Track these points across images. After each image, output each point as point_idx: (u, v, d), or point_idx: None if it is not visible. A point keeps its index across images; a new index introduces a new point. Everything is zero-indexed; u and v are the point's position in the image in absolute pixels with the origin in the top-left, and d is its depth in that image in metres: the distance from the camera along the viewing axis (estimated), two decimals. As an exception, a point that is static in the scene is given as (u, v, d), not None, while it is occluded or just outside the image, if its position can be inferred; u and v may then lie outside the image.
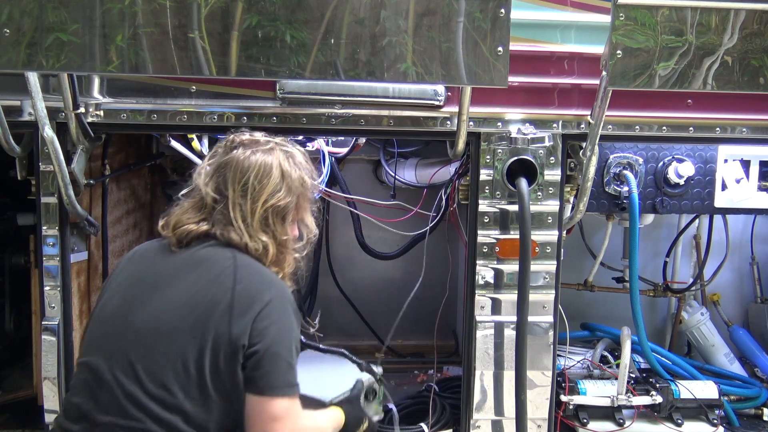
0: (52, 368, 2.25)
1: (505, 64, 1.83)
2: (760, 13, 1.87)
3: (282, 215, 1.81)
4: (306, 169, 1.89)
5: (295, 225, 1.89)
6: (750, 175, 2.65)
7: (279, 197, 1.79)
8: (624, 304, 2.71)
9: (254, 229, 1.77)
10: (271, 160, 1.81)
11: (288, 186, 1.82)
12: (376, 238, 3.32)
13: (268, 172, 1.80)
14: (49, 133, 2.04)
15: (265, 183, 1.78)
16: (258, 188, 1.77)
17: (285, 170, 1.81)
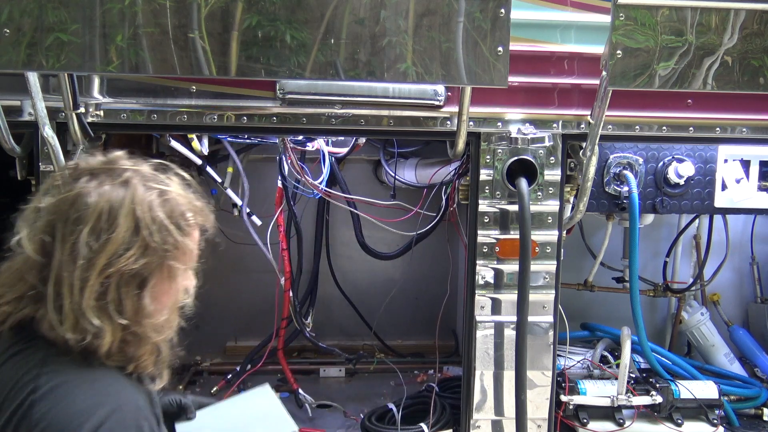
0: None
1: (505, 64, 1.83)
2: (760, 13, 1.87)
3: (135, 284, 1.30)
4: (181, 211, 1.38)
5: (166, 294, 1.38)
6: (750, 175, 2.65)
7: (127, 260, 1.28)
8: (624, 304, 2.71)
9: (83, 310, 1.25)
10: (120, 199, 1.30)
11: (144, 241, 1.30)
12: (376, 238, 3.32)
13: (111, 220, 1.28)
14: (49, 133, 2.03)
15: (106, 239, 1.27)
16: (95, 247, 1.26)
17: (140, 216, 1.30)
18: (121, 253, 1.28)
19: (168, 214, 1.36)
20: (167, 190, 1.39)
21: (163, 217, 1.34)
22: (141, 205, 1.32)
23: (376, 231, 3.24)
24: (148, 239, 1.31)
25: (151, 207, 1.33)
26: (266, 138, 2.87)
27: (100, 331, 1.27)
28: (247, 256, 3.34)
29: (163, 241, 1.33)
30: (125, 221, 1.30)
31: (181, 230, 1.37)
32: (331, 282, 3.51)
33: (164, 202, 1.36)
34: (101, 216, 1.29)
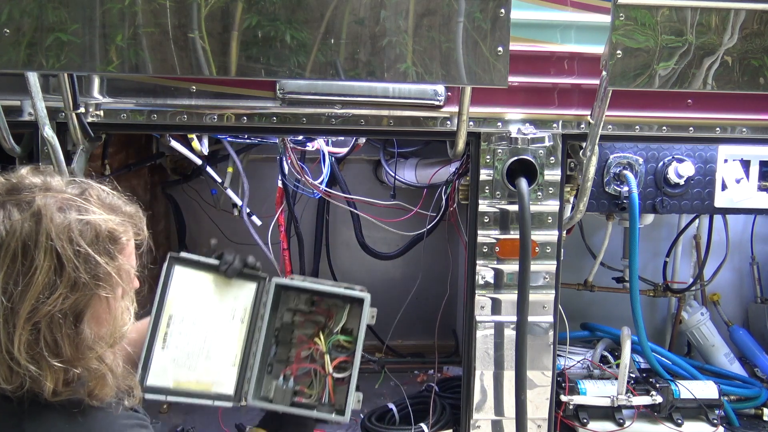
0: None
1: (505, 64, 1.82)
2: (760, 13, 1.87)
3: (70, 322, 1.19)
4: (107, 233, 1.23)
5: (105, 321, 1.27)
6: (750, 175, 2.65)
7: (54, 301, 1.15)
8: (624, 304, 2.71)
9: (16, 360, 1.14)
10: (34, 234, 1.15)
11: (70, 278, 1.17)
12: (376, 238, 3.32)
13: (29, 261, 1.14)
14: (49, 133, 2.03)
15: (26, 283, 1.14)
16: (15, 294, 1.14)
17: (61, 252, 1.15)
18: (46, 296, 1.15)
19: (92, 241, 1.21)
20: (86, 210, 1.23)
21: (87, 246, 1.19)
22: (59, 238, 1.16)
23: (376, 231, 3.24)
24: (74, 275, 1.18)
25: (71, 237, 1.18)
26: (266, 138, 2.87)
27: (38, 378, 1.16)
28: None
29: (91, 273, 1.20)
30: (45, 259, 1.15)
31: (110, 255, 1.24)
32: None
33: (85, 227, 1.21)
34: (15, 257, 1.14)
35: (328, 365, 1.96)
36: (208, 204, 3.47)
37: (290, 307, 2.04)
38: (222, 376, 1.94)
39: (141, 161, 3.10)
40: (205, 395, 1.94)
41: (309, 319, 2.04)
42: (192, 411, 2.86)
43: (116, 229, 1.27)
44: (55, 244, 1.16)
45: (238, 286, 2.00)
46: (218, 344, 1.96)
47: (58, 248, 1.16)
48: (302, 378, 2.00)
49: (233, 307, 1.99)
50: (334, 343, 2.00)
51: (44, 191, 1.22)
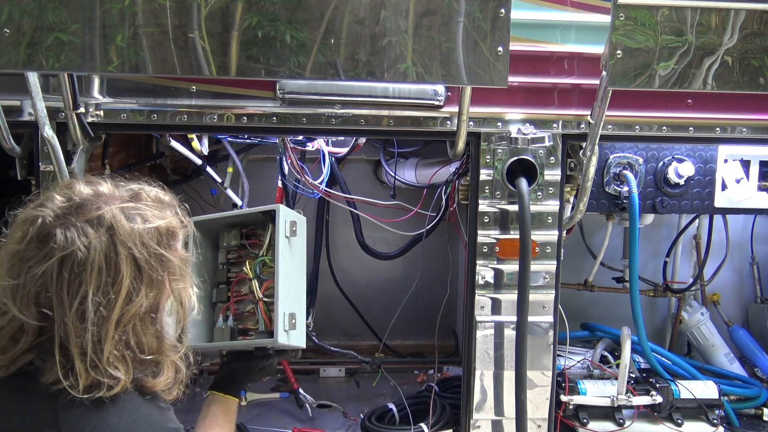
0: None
1: (505, 64, 1.82)
2: (760, 13, 1.87)
3: (149, 318, 1.31)
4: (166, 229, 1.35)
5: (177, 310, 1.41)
6: (750, 175, 2.65)
7: (139, 303, 1.27)
8: (624, 304, 2.71)
9: (103, 366, 1.23)
10: (112, 246, 1.25)
11: (149, 278, 1.29)
12: (376, 238, 3.32)
13: (113, 272, 1.24)
14: (49, 133, 2.03)
15: (116, 292, 1.24)
16: (105, 304, 1.23)
17: (138, 257, 1.27)
18: (132, 300, 1.26)
19: (159, 240, 1.33)
20: (147, 215, 1.34)
21: (156, 246, 1.31)
22: (134, 245, 1.28)
23: (376, 231, 3.24)
24: (152, 275, 1.30)
25: (143, 242, 1.30)
26: (266, 138, 2.87)
27: (116, 381, 1.24)
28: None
29: (164, 269, 1.33)
30: (126, 268, 1.26)
31: (173, 249, 1.37)
32: (331, 282, 3.51)
33: (152, 230, 1.32)
34: (101, 270, 1.24)
35: (257, 291, 1.92)
36: (208, 204, 3.47)
37: (224, 245, 2.02)
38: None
39: (141, 161, 3.09)
40: None
41: (245, 254, 2.02)
42: (192, 410, 2.86)
43: (173, 225, 1.40)
44: (133, 250, 1.28)
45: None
46: None
47: (135, 254, 1.28)
48: (246, 316, 1.96)
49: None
50: (263, 268, 1.95)
51: (105, 203, 1.31)
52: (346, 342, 3.50)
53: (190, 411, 2.86)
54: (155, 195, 1.44)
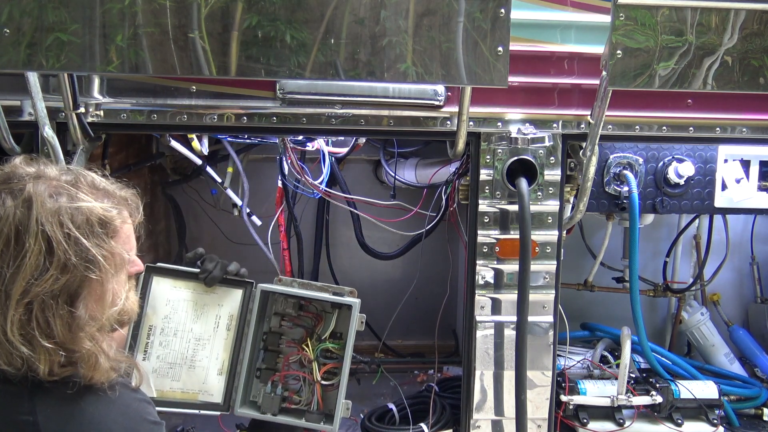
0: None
1: (505, 64, 1.82)
2: (760, 13, 1.87)
3: (63, 302, 1.24)
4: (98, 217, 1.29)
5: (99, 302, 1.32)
6: (750, 175, 2.65)
7: (45, 282, 1.21)
8: (624, 304, 2.71)
9: (10, 341, 1.20)
10: (25, 219, 1.21)
11: (60, 260, 1.23)
12: (376, 238, 3.32)
13: (20, 245, 1.21)
14: (49, 133, 2.03)
15: (17, 266, 1.20)
16: (7, 276, 1.20)
17: (51, 235, 1.21)
18: (36, 278, 1.21)
19: (81, 224, 1.26)
20: (77, 196, 1.28)
21: (77, 231, 1.25)
22: (49, 222, 1.22)
23: (376, 231, 3.24)
24: (63, 258, 1.23)
25: (62, 222, 1.24)
26: (266, 138, 2.87)
27: (31, 358, 1.21)
28: (248, 257, 3.33)
29: (81, 256, 1.25)
30: (35, 243, 1.21)
31: (100, 239, 1.29)
32: (331, 282, 3.51)
33: (75, 211, 1.26)
34: (8, 242, 1.21)
35: (316, 373, 1.95)
36: (208, 204, 3.47)
37: (278, 311, 2.01)
38: (209, 385, 1.93)
39: (141, 161, 3.10)
40: (191, 404, 1.92)
41: (297, 323, 2.01)
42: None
43: (107, 214, 1.32)
44: (45, 228, 1.22)
45: (222, 293, 1.97)
46: (203, 353, 1.94)
47: (48, 232, 1.21)
48: (291, 383, 1.99)
49: (218, 314, 1.96)
50: (323, 349, 1.98)
51: (36, 179, 1.27)
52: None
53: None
54: (97, 182, 1.38)
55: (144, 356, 1.89)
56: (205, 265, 1.91)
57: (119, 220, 1.35)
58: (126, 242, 1.40)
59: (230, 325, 1.96)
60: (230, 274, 1.94)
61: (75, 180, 1.33)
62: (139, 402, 1.38)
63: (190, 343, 1.93)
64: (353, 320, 1.95)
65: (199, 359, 1.93)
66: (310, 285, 2.00)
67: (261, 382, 1.99)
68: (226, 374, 1.94)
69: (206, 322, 1.95)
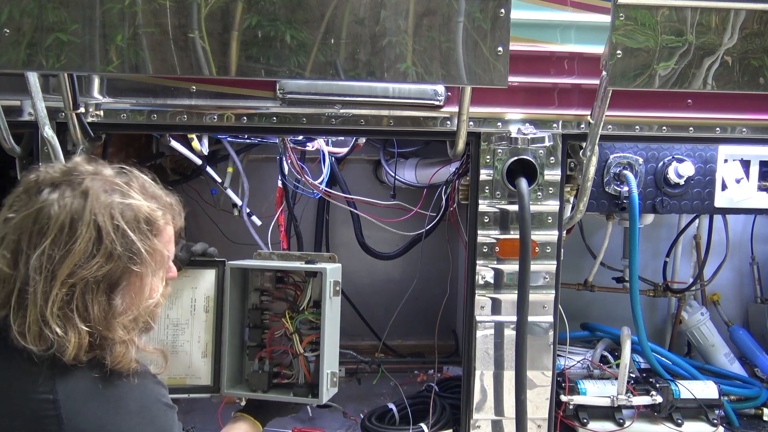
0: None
1: (505, 64, 1.82)
2: (760, 13, 1.87)
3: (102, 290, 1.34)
4: (145, 216, 1.40)
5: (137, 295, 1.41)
6: (750, 175, 2.65)
7: (90, 268, 1.31)
8: (624, 304, 2.71)
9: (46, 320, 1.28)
10: (80, 209, 1.32)
11: (107, 249, 1.33)
12: (376, 238, 3.32)
13: (72, 231, 1.31)
14: (49, 133, 2.03)
15: (68, 249, 1.30)
16: (57, 258, 1.29)
17: (101, 225, 1.32)
18: (83, 263, 1.30)
19: (130, 220, 1.37)
20: (128, 194, 1.40)
21: (125, 224, 1.35)
22: (102, 214, 1.34)
23: (376, 231, 3.24)
24: (110, 247, 1.33)
25: (113, 215, 1.35)
26: (266, 138, 2.87)
27: (62, 340, 1.28)
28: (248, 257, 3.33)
29: (126, 248, 1.35)
30: (86, 231, 1.31)
31: (144, 235, 1.39)
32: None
33: (125, 208, 1.38)
34: (63, 228, 1.31)
35: (298, 345, 1.94)
36: (208, 204, 3.47)
37: (257, 287, 2.02)
38: (194, 368, 1.95)
39: (141, 161, 3.09)
40: (180, 389, 1.93)
41: (277, 296, 2.02)
42: (192, 410, 2.86)
43: (153, 213, 1.43)
44: (97, 219, 1.33)
45: (194, 275, 1.98)
46: (183, 338, 1.95)
47: (99, 222, 1.33)
48: (281, 358, 1.99)
49: (193, 297, 1.98)
50: (303, 320, 1.97)
51: (94, 175, 1.40)
52: (346, 342, 3.49)
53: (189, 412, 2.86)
54: (147, 185, 1.50)
55: None
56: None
57: (163, 221, 1.46)
58: (168, 243, 1.50)
59: (207, 307, 1.98)
60: (196, 254, 1.97)
61: (128, 180, 1.45)
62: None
63: (168, 329, 1.95)
64: (325, 286, 1.93)
65: (180, 344, 1.95)
66: (289, 255, 2.02)
67: (250, 360, 1.99)
68: (211, 356, 1.95)
69: (182, 306, 1.97)
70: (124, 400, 1.34)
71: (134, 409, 1.35)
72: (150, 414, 1.39)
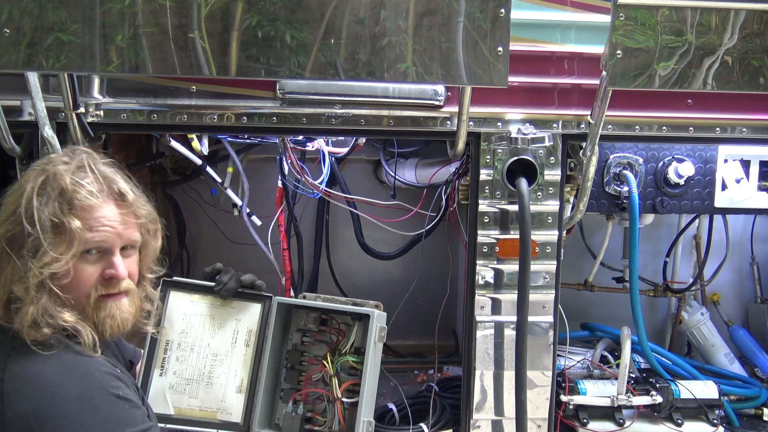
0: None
1: (505, 64, 1.82)
2: (760, 13, 1.87)
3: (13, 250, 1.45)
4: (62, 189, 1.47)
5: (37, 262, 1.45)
6: (750, 175, 2.65)
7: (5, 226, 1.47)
8: (624, 304, 2.71)
9: None
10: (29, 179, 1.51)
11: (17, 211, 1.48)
12: (376, 238, 3.32)
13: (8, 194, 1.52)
14: (49, 133, 2.03)
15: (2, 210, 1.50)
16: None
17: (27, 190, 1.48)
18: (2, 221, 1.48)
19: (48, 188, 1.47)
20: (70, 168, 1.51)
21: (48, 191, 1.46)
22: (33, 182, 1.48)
23: (376, 231, 3.24)
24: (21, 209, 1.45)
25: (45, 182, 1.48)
26: (266, 138, 2.87)
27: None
28: (248, 257, 3.34)
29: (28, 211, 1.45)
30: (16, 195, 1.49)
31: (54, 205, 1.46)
32: (331, 282, 3.51)
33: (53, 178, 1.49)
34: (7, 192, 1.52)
35: (336, 389, 1.88)
36: (208, 204, 3.47)
37: (299, 327, 1.96)
38: (227, 403, 1.88)
39: (141, 161, 3.09)
40: (210, 423, 1.87)
41: (319, 339, 1.96)
42: None
43: (74, 188, 1.48)
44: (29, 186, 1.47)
45: (239, 307, 1.93)
46: (221, 370, 1.89)
47: (28, 189, 1.47)
48: (315, 403, 1.92)
49: (235, 329, 1.92)
50: (344, 364, 1.91)
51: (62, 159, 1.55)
52: (346, 342, 3.50)
53: None
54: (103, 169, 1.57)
55: (161, 372, 1.87)
56: (220, 278, 1.92)
57: (88, 201, 1.49)
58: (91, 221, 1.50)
59: (249, 341, 1.91)
60: (245, 284, 1.93)
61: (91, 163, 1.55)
62: (103, 374, 1.43)
63: (207, 358, 1.89)
64: (371, 331, 1.88)
65: (216, 376, 1.89)
66: (335, 300, 1.96)
67: (284, 403, 1.92)
68: (246, 392, 1.88)
69: (224, 338, 1.91)
70: (62, 386, 1.36)
71: (73, 396, 1.35)
72: (91, 402, 1.37)
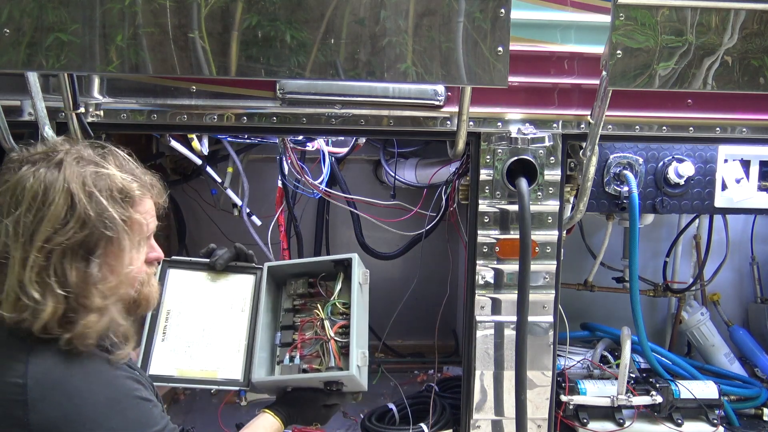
0: None
1: (505, 64, 1.83)
2: (760, 13, 1.87)
3: (80, 255, 1.37)
4: (119, 186, 1.44)
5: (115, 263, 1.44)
6: (750, 175, 2.65)
7: (66, 233, 1.35)
8: (624, 304, 2.71)
9: (24, 285, 1.33)
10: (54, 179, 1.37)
11: (80, 215, 1.36)
12: (376, 238, 3.32)
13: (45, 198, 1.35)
14: (49, 133, 2.04)
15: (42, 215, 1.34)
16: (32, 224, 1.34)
17: (74, 192, 1.37)
18: (58, 228, 1.35)
19: (102, 188, 1.41)
20: (101, 165, 1.45)
21: (98, 192, 1.40)
22: (74, 182, 1.38)
23: (376, 231, 3.24)
24: (84, 213, 1.36)
25: (85, 182, 1.39)
26: (266, 138, 2.87)
27: (39, 306, 1.33)
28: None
29: (99, 214, 1.38)
30: (59, 197, 1.36)
31: (118, 203, 1.43)
32: (331, 282, 3.50)
33: (98, 176, 1.42)
34: (36, 195, 1.35)
35: (329, 330, 2.01)
36: (208, 204, 3.47)
37: (290, 293, 2.13)
38: (227, 362, 2.01)
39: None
40: (211, 381, 2.01)
41: (310, 302, 2.12)
42: (192, 411, 2.86)
43: (127, 184, 1.46)
44: (70, 186, 1.37)
45: (235, 279, 2.12)
46: (219, 333, 2.04)
47: (72, 189, 1.37)
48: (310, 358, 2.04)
49: (232, 298, 2.09)
50: (334, 310, 2.06)
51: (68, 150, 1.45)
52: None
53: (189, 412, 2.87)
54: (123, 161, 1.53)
55: (163, 338, 1.99)
56: (215, 252, 2.10)
57: (139, 192, 1.49)
58: (146, 214, 1.52)
59: (244, 308, 2.08)
60: (239, 251, 2.10)
61: (103, 154, 1.49)
62: (126, 379, 1.44)
63: (206, 323, 2.04)
64: (354, 274, 2.04)
65: (216, 338, 2.03)
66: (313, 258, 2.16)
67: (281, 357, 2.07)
68: (245, 352, 2.03)
69: (221, 305, 2.08)
70: (92, 391, 1.36)
71: (101, 401, 1.37)
72: (119, 406, 1.39)
